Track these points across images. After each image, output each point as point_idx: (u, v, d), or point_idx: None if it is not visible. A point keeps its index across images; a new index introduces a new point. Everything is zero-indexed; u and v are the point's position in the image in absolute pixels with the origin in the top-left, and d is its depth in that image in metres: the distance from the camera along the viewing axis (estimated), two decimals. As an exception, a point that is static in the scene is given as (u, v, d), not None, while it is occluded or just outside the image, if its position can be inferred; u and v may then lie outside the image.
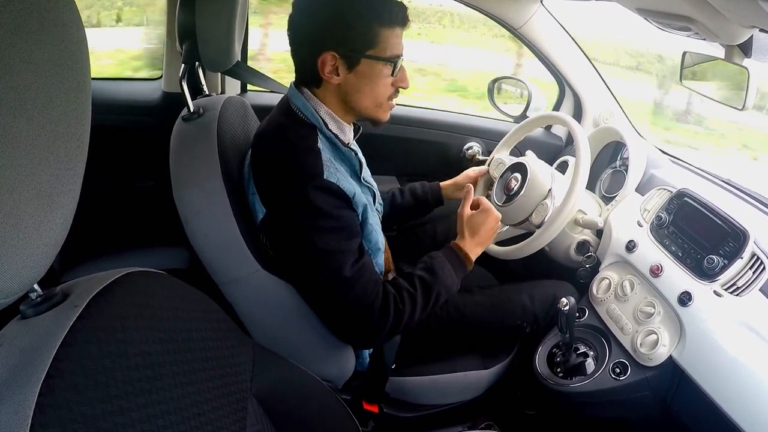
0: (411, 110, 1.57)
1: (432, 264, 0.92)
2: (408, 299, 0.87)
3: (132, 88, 1.44)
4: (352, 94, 0.86)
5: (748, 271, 0.87)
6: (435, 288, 0.89)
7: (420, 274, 0.90)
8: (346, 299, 0.83)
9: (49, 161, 0.35)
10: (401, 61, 0.86)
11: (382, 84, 0.86)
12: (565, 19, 1.39)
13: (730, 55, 0.96)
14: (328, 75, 0.83)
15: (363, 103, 0.88)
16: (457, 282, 0.94)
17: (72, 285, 0.46)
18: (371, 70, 0.84)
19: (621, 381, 0.94)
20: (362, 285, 0.83)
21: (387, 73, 0.85)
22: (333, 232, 0.82)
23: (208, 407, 0.51)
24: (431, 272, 0.90)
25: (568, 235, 1.12)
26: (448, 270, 0.92)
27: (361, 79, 0.85)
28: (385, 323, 0.85)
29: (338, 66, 0.83)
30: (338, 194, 0.82)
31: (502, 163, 1.20)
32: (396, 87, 0.88)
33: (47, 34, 0.35)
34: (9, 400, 0.35)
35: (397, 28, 0.83)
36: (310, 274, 0.86)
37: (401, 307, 0.86)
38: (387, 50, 0.83)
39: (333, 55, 0.82)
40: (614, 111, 1.45)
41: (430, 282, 0.89)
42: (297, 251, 0.85)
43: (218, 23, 0.97)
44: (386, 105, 0.90)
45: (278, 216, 0.86)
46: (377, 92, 0.87)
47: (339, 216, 0.82)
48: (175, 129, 0.95)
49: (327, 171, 0.81)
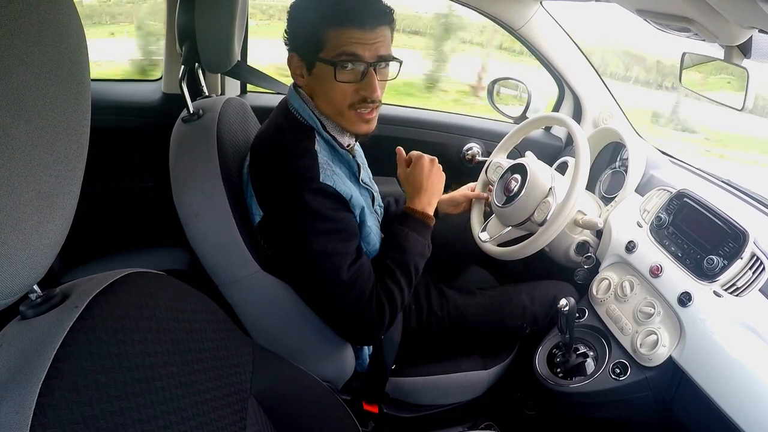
0: (411, 111, 1.58)
1: (396, 240, 0.91)
2: (393, 284, 0.87)
3: (132, 89, 1.45)
4: (315, 99, 0.86)
5: (747, 271, 0.87)
6: (409, 261, 0.89)
7: (390, 256, 0.90)
8: (344, 301, 0.83)
9: (48, 162, 0.36)
10: (354, 67, 0.79)
11: (334, 89, 0.81)
12: (575, 23, 1.39)
13: (729, 55, 0.96)
14: (296, 76, 0.85)
15: (325, 109, 0.85)
16: (426, 243, 0.93)
17: (72, 286, 0.46)
18: (321, 73, 0.81)
19: (621, 381, 0.94)
20: (360, 286, 0.83)
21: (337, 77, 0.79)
22: (330, 234, 0.82)
23: (208, 407, 0.51)
24: (397, 249, 0.90)
25: (567, 235, 1.12)
26: (412, 237, 0.91)
27: (318, 83, 0.83)
28: (383, 318, 0.85)
29: (302, 68, 0.84)
30: (334, 196, 0.82)
31: (500, 167, 1.20)
32: (361, 95, 0.82)
33: (47, 35, 0.35)
34: (9, 400, 0.35)
35: (349, 29, 0.77)
36: (307, 276, 0.86)
37: (392, 296, 0.86)
38: (334, 51, 0.78)
39: (295, 56, 0.83)
40: (614, 112, 1.46)
41: (401, 260, 0.89)
42: (294, 254, 0.85)
43: (218, 24, 0.97)
44: (348, 114, 0.84)
45: (275, 219, 0.86)
46: (332, 97, 0.82)
47: (336, 218, 0.82)
48: (175, 130, 0.95)
49: (323, 174, 0.81)
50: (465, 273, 1.37)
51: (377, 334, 0.88)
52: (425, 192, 0.96)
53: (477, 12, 1.41)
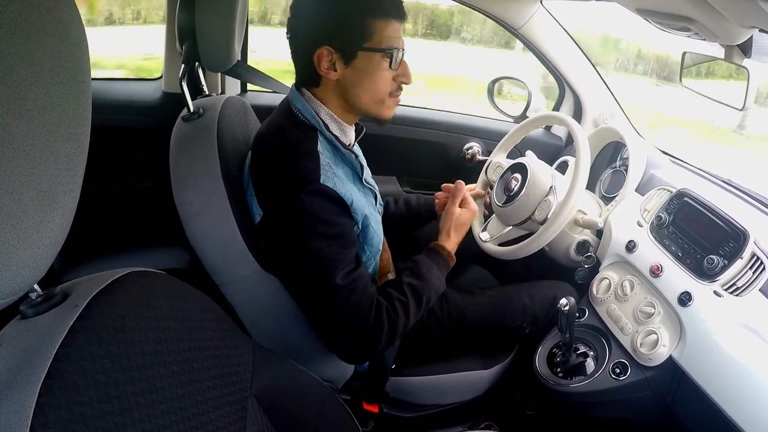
0: (411, 110, 1.57)
1: (419, 269, 0.91)
2: (401, 308, 0.86)
3: (132, 88, 1.44)
4: (352, 90, 0.85)
5: (748, 271, 0.87)
6: (425, 293, 0.89)
7: (409, 281, 0.89)
8: (337, 309, 0.81)
9: (49, 161, 0.35)
10: (401, 55, 0.85)
11: (381, 78, 0.85)
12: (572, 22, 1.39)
13: (729, 55, 0.96)
14: (325, 71, 0.83)
15: (363, 99, 0.86)
16: (443, 282, 0.94)
17: (72, 285, 0.46)
18: (368, 64, 0.83)
19: (621, 381, 0.94)
20: (356, 297, 0.81)
21: (385, 65, 0.83)
22: (326, 239, 0.81)
23: (208, 407, 0.51)
24: (419, 278, 0.90)
25: (568, 235, 1.12)
26: (435, 272, 0.92)
27: (359, 74, 0.84)
28: (380, 335, 0.83)
29: (335, 61, 0.82)
30: (334, 199, 0.81)
31: (500, 167, 1.20)
32: (398, 82, 0.87)
33: (47, 34, 0.35)
34: (9, 400, 0.35)
35: (392, 21, 0.82)
36: (303, 278, 0.84)
37: (395, 318, 0.84)
38: (383, 42, 0.82)
39: (328, 49, 0.81)
40: (614, 111, 1.46)
41: (419, 288, 0.89)
42: (291, 255, 0.84)
43: (218, 23, 0.97)
44: (388, 101, 0.88)
45: (274, 219, 0.85)
46: (377, 87, 0.85)
47: (334, 222, 0.81)
48: (175, 129, 0.95)
49: (324, 175, 0.80)
50: (465, 272, 1.37)
51: (370, 351, 0.86)
52: (459, 235, 0.99)
53: (477, 11, 1.41)
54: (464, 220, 1.00)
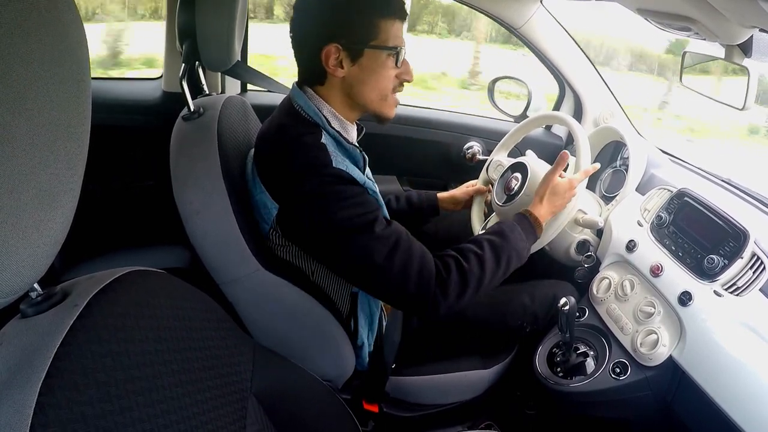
0: (411, 110, 1.57)
1: (501, 227, 0.90)
2: (475, 259, 0.84)
3: (132, 87, 1.44)
4: (357, 87, 0.86)
5: (748, 271, 0.87)
6: (505, 251, 0.86)
7: (488, 237, 0.88)
8: (391, 265, 0.80)
9: (49, 161, 0.35)
10: (404, 53, 0.86)
11: (386, 76, 0.86)
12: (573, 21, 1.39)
13: (730, 54, 0.96)
14: (332, 68, 0.83)
15: (368, 96, 0.87)
16: (528, 247, 0.92)
17: (72, 284, 0.46)
18: (375, 62, 0.84)
19: (621, 381, 0.94)
20: (403, 250, 0.80)
21: (391, 64, 0.85)
22: (351, 208, 0.80)
23: (208, 406, 0.51)
24: (500, 235, 0.89)
25: (568, 234, 1.12)
26: (518, 233, 0.90)
27: (365, 71, 0.85)
28: (448, 286, 0.81)
29: (342, 59, 0.83)
30: (349, 180, 0.82)
31: (500, 165, 1.20)
32: (401, 80, 0.89)
33: (47, 34, 0.35)
34: (9, 399, 0.35)
35: (396, 21, 0.84)
36: (341, 258, 0.83)
37: (466, 265, 0.83)
38: (389, 41, 0.84)
39: (336, 47, 0.82)
40: (614, 111, 1.46)
41: (498, 245, 0.87)
42: (320, 239, 0.83)
43: (218, 23, 0.97)
44: (391, 99, 0.89)
45: (293, 208, 0.84)
46: (382, 84, 0.87)
47: (353, 193, 0.81)
48: (176, 128, 0.95)
49: (335, 160, 0.81)
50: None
51: (442, 303, 0.82)
52: (553, 205, 0.97)
53: (478, 11, 1.41)
54: (561, 189, 0.97)
